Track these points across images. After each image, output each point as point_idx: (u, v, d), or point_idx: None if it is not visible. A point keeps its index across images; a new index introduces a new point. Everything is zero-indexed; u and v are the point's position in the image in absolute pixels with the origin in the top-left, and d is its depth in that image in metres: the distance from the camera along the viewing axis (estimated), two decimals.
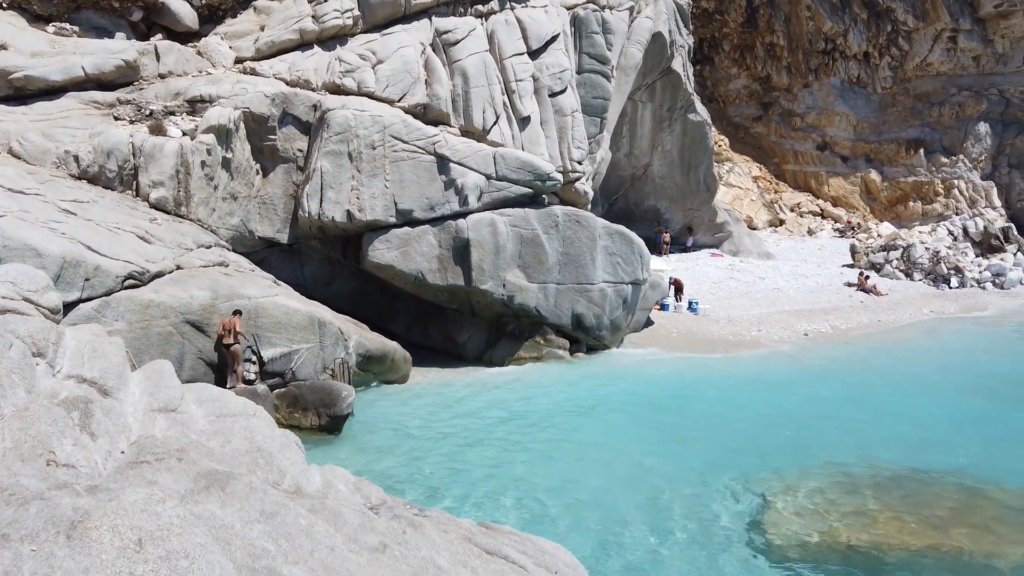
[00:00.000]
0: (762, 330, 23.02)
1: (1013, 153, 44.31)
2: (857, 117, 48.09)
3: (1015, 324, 26.14)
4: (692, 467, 12.50)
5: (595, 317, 19.68)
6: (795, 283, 30.09)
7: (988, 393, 17.50)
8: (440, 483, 11.50)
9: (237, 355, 13.90)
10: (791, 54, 50.22)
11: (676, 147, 32.97)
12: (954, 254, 33.09)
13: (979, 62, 44.49)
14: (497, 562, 3.37)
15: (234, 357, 13.91)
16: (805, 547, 9.80)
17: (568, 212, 19.79)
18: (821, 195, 49.23)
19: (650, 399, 16.31)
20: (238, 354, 13.91)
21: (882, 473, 12.24)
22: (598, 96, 23.71)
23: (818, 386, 17.73)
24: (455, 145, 18.95)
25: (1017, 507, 11.04)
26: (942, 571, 9.27)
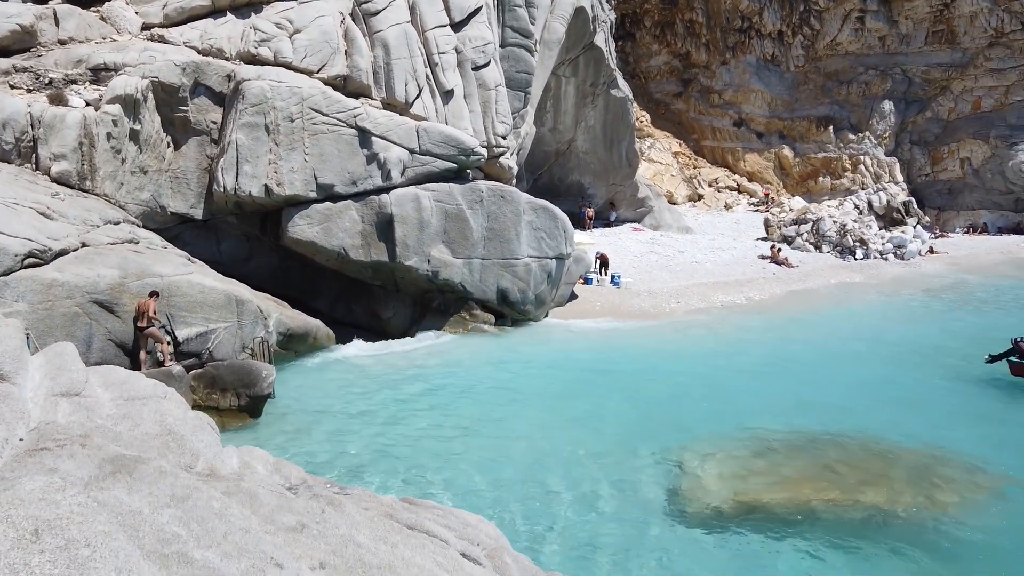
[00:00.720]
0: (681, 302, 23.69)
1: (915, 130, 46.70)
2: (771, 94, 49.65)
3: (913, 293, 27.74)
4: (613, 437, 12.82)
5: (520, 292, 19.82)
6: (712, 256, 31.03)
7: (889, 358, 18.56)
8: (365, 461, 11.44)
9: (153, 337, 13.39)
10: (710, 31, 51.27)
11: (599, 123, 33.32)
12: (859, 227, 34.76)
13: (885, 42, 46.50)
14: (418, 536, 3.39)
15: (148, 340, 13.39)
16: (722, 510, 10.22)
17: (493, 187, 19.78)
18: (737, 170, 50.76)
19: (573, 372, 16.60)
20: (154, 336, 13.39)
21: (792, 436, 12.85)
22: (522, 70, 23.67)
23: (733, 355, 18.40)
24: (377, 118, 18.60)
25: (912, 462, 11.81)
26: (847, 523, 9.84)
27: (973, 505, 10.50)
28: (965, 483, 11.15)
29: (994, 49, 43.76)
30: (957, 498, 10.68)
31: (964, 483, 11.15)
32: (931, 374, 17.19)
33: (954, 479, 11.26)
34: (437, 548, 3.32)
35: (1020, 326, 20.93)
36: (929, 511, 10.25)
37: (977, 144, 44.35)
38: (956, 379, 16.83)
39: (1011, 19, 42.97)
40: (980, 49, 44.21)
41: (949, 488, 10.98)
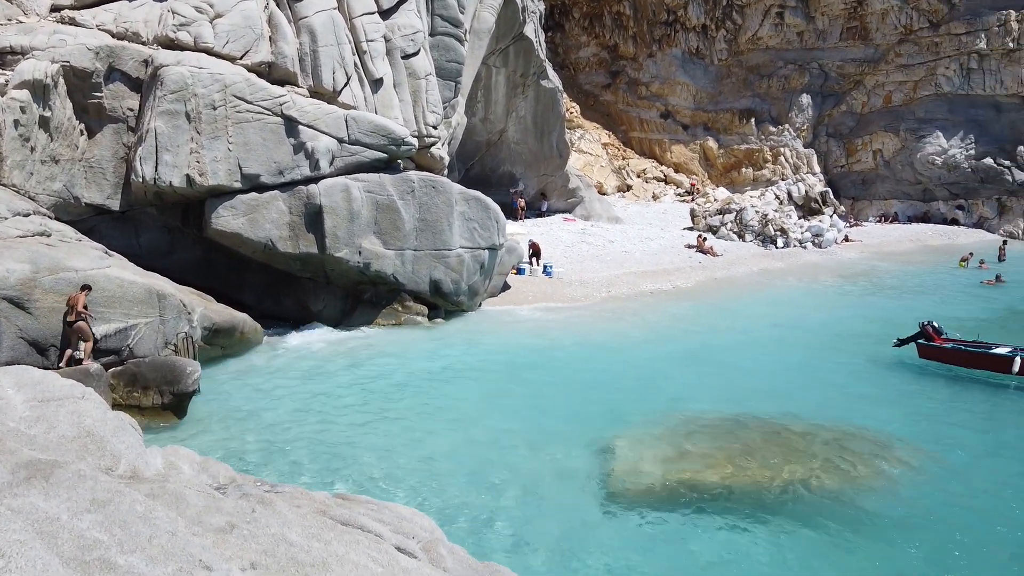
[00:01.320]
0: (611, 291, 24.09)
1: (831, 123, 48.62)
2: (696, 87, 50.82)
3: (830, 279, 28.99)
4: (546, 425, 12.98)
5: (453, 283, 19.77)
6: (641, 246, 31.64)
7: (808, 342, 19.37)
8: (297, 457, 11.25)
9: (81, 332, 12.78)
10: (637, 24, 52.06)
11: (530, 113, 33.45)
12: (780, 217, 36.04)
13: (803, 38, 48.17)
14: (352, 532, 3.37)
15: (78, 335, 12.79)
16: (654, 491, 10.50)
17: (424, 178, 19.64)
18: (664, 161, 51.83)
19: (506, 362, 16.69)
20: (83, 331, 12.78)
21: (720, 419, 13.28)
22: (452, 60, 23.51)
23: (662, 342, 18.85)
24: (304, 107, 18.18)
25: (831, 440, 12.38)
26: (772, 499, 10.26)
27: (886, 478, 11.10)
28: (879, 458, 11.76)
29: (904, 45, 45.92)
30: (872, 472, 11.27)
31: (878, 458, 11.76)
32: (847, 357, 18.01)
33: (869, 454, 11.86)
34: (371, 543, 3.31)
35: (927, 310, 22.16)
36: (847, 485, 10.78)
37: (888, 137, 46.53)
38: (870, 361, 17.69)
39: (919, 17, 45.16)
40: (891, 45, 46.31)
41: (865, 463, 11.57)
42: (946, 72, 44.72)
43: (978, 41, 43.47)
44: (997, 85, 43.81)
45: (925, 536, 9.55)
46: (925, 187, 46.49)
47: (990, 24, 43.17)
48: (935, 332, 17.55)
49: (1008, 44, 42.84)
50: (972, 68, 44.22)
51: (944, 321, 19.26)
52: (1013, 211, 44.06)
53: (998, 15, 43.00)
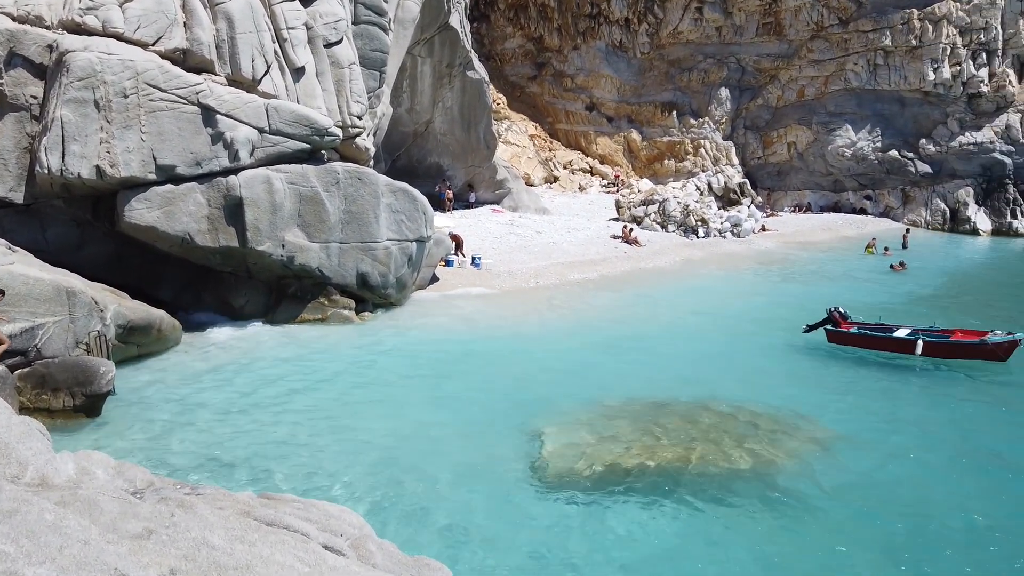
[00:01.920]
0: (540, 281, 24.31)
1: (748, 116, 50.22)
2: (620, 79, 51.62)
3: (749, 268, 30.02)
4: (476, 414, 13.05)
5: (381, 276, 19.56)
6: (568, 236, 32.02)
7: (728, 329, 20.03)
8: (220, 457, 10.95)
9: None
10: (561, 16, 52.43)
11: (457, 104, 33.31)
12: (701, 207, 37.06)
13: (721, 32, 49.49)
14: (278, 533, 3.31)
15: None
16: (579, 476, 10.71)
17: (349, 169, 19.31)
18: (590, 153, 52.50)
19: (435, 354, 16.66)
20: None
21: (644, 405, 13.63)
22: (376, 49, 23.14)
23: (588, 331, 19.16)
24: (222, 95, 17.58)
25: (749, 423, 12.87)
26: (694, 481, 10.61)
27: (798, 456, 11.62)
28: (792, 437, 12.31)
29: (815, 42, 47.76)
30: (785, 451, 11.78)
31: (791, 437, 12.31)
32: (764, 343, 18.73)
33: (785, 436, 12.39)
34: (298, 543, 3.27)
35: (838, 296, 23.24)
36: (765, 465, 11.24)
37: (802, 130, 48.38)
38: (785, 346, 18.45)
39: (829, 14, 47.03)
40: (803, 41, 48.10)
41: (781, 444, 12.08)
42: (854, 68, 46.77)
43: (884, 38, 45.60)
44: (901, 81, 46.10)
45: (835, 510, 10.06)
46: (836, 178, 48.60)
47: (894, 22, 45.35)
48: (841, 317, 18.44)
49: (911, 42, 45.11)
50: (878, 64, 46.39)
51: (853, 305, 20.25)
52: (916, 201, 46.55)
53: (902, 13, 45.20)
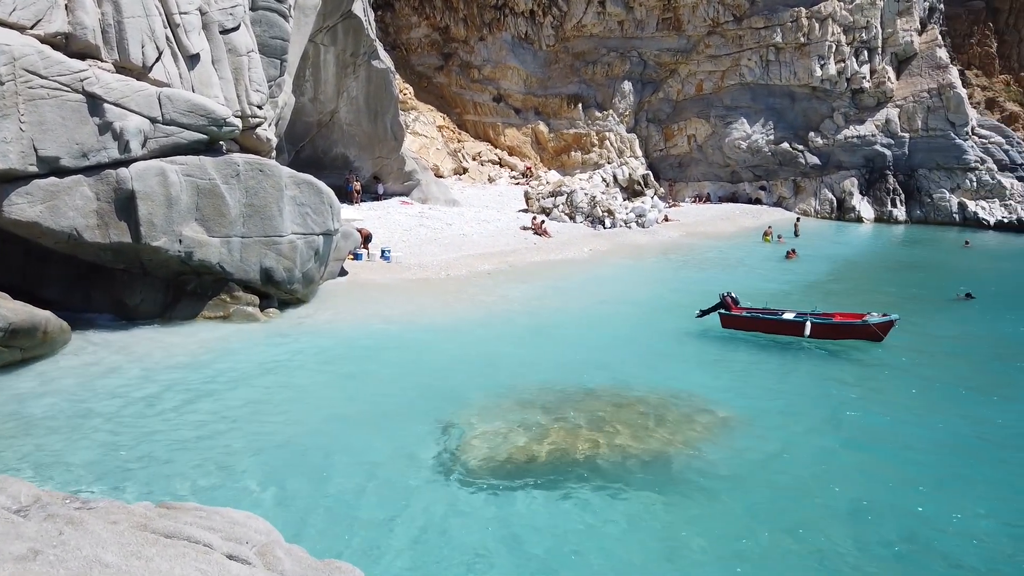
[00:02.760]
0: (450, 273, 24.27)
1: (650, 109, 51.61)
2: (526, 71, 52.00)
3: (653, 257, 30.94)
4: (387, 409, 12.92)
5: (286, 271, 19.02)
6: (478, 228, 32.08)
7: (633, 316, 20.62)
8: (116, 468, 10.41)
9: None
10: (467, 7, 52.27)
11: (362, 94, 32.71)
12: (607, 198, 37.87)
13: (623, 26, 50.61)
14: (178, 545, 3.19)
15: None
16: (497, 466, 10.78)
17: (250, 160, 18.65)
18: (499, 145, 52.71)
19: (344, 349, 16.39)
20: None
21: (555, 393, 13.85)
22: (276, 36, 22.41)
23: (499, 322, 19.30)
24: (109, 83, 16.60)
25: (657, 407, 13.29)
26: (608, 467, 10.87)
27: (705, 441, 12.09)
28: (698, 423, 12.79)
29: (712, 37, 49.55)
30: (693, 437, 12.22)
31: (697, 423, 12.79)
32: (668, 328, 19.37)
33: (690, 420, 12.87)
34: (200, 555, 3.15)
35: (736, 282, 24.28)
36: (672, 450, 11.63)
37: (701, 123, 50.16)
38: (687, 332, 19.14)
39: (724, 11, 48.86)
40: (701, 37, 49.80)
41: (686, 428, 12.54)
42: (748, 63, 48.81)
43: (775, 35, 47.79)
44: (791, 76, 48.45)
45: (737, 492, 10.55)
46: (733, 169, 50.66)
47: (784, 20, 47.59)
48: (733, 302, 19.31)
49: (800, 39, 47.45)
50: (770, 60, 48.59)
51: (751, 291, 21.22)
52: (806, 191, 49.14)
53: (791, 11, 47.48)
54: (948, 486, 10.88)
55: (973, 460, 11.80)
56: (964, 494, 10.61)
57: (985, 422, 13.37)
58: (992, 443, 12.46)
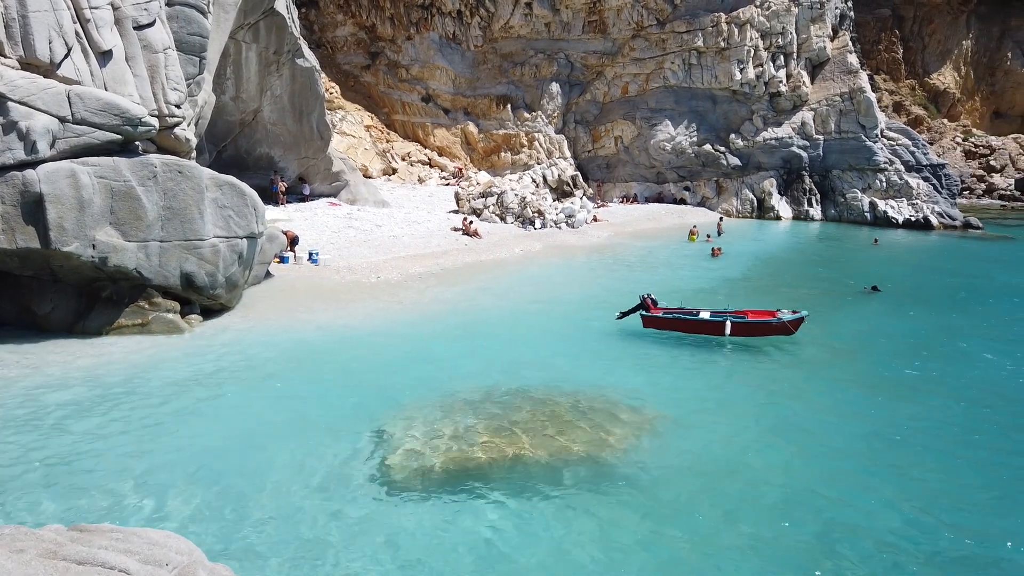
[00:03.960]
0: (381, 276, 23.97)
1: (578, 111, 52.22)
2: (455, 72, 51.86)
3: (583, 257, 31.33)
4: (317, 416, 12.68)
5: (208, 275, 18.41)
6: (409, 229, 31.80)
7: (563, 316, 20.83)
8: (24, 488, 9.86)
9: None
10: (394, 6, 51.76)
11: (286, 93, 31.96)
12: (537, 199, 38.14)
13: (550, 28, 51.05)
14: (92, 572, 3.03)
15: None
16: (426, 475, 10.70)
17: (168, 162, 17.97)
18: (428, 145, 52.40)
19: (271, 357, 15.98)
20: None
21: (486, 395, 13.86)
22: (194, 32, 21.64)
23: (431, 324, 19.18)
24: (14, 80, 15.71)
25: (588, 407, 13.47)
26: (541, 470, 10.94)
27: (635, 441, 12.32)
28: (627, 423, 13.02)
29: (636, 40, 50.50)
30: (622, 437, 12.43)
31: (626, 423, 13.01)
32: (597, 328, 19.66)
33: (619, 420, 13.09)
34: None
35: (658, 280, 24.83)
36: (608, 448, 11.81)
37: (627, 124, 51.06)
38: (616, 331, 19.46)
39: (648, 15, 49.87)
40: (626, 40, 50.69)
41: (620, 427, 12.74)
42: (671, 66, 49.97)
43: (696, 40, 49.07)
44: (712, 80, 49.85)
45: (667, 490, 10.79)
46: (658, 170, 51.78)
47: (705, 24, 48.92)
48: (652, 303, 19.74)
49: (720, 43, 48.87)
50: (692, 63, 49.87)
51: (677, 289, 21.72)
52: (728, 191, 50.65)
53: (712, 16, 48.84)
54: (861, 474, 11.41)
55: (883, 449, 12.41)
56: (876, 482, 11.15)
57: (891, 412, 14.08)
58: (899, 433, 13.13)
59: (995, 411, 14.32)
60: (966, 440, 12.88)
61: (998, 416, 14.06)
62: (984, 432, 13.26)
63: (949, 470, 11.66)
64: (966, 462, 12.00)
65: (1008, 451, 12.48)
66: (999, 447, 12.63)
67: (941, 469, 11.68)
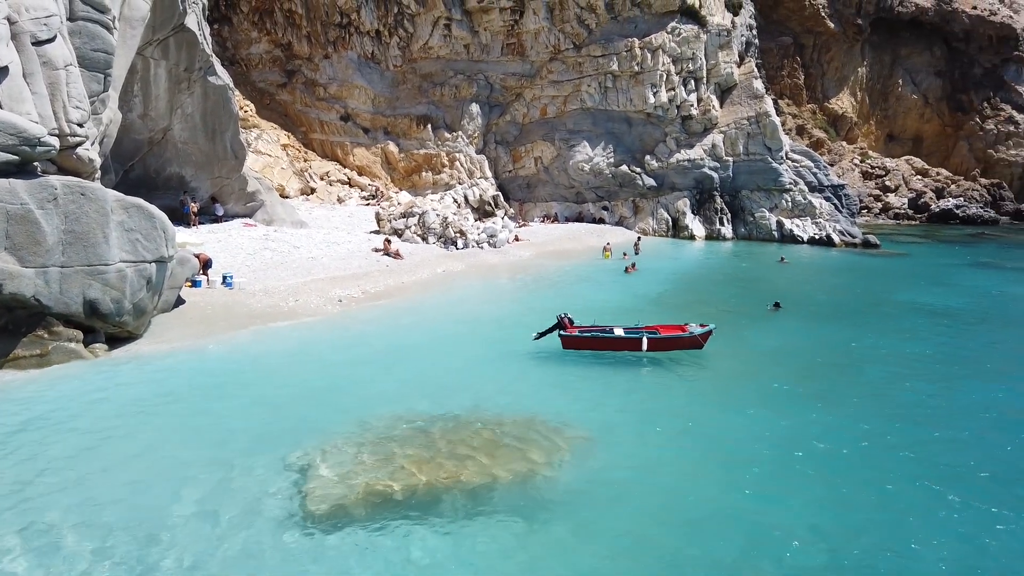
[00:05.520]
0: (299, 300, 23.44)
1: (498, 131, 52.72)
2: (374, 91, 51.56)
3: (505, 277, 31.52)
4: (232, 449, 12.25)
5: (114, 302, 17.58)
6: (328, 251, 31.27)
7: (486, 337, 20.87)
8: None
9: None
10: (310, 24, 51.14)
11: (198, 111, 31.03)
12: (459, 219, 38.21)
13: (469, 49, 51.47)
14: None
15: None
16: (348, 507, 10.46)
17: (70, 183, 17.12)
18: (348, 164, 51.77)
19: (181, 387, 15.36)
20: None
21: (410, 420, 13.71)
22: (99, 49, 20.79)
23: (352, 348, 18.88)
24: None
25: (510, 431, 13.50)
26: (464, 497, 10.87)
27: (561, 463, 12.40)
28: (555, 443, 13.10)
29: (554, 63, 51.48)
30: (548, 458, 12.49)
31: (555, 443, 13.10)
32: (520, 348, 19.74)
33: (544, 442, 13.15)
34: None
35: (578, 297, 25.24)
36: (529, 472, 11.84)
37: (546, 145, 51.86)
38: (538, 351, 19.61)
39: (565, 39, 50.96)
40: (544, 63, 51.61)
41: (541, 449, 12.80)
42: (588, 89, 51.16)
43: (611, 63, 50.44)
44: (627, 103, 51.30)
45: (595, 512, 10.92)
46: (578, 190, 52.75)
47: (620, 49, 50.36)
48: (569, 322, 20.06)
49: (634, 68, 50.38)
50: (608, 87, 51.20)
51: (593, 308, 22.08)
52: (644, 211, 52.05)
53: (626, 42, 50.33)
54: (773, 486, 11.86)
55: (792, 461, 12.95)
56: (789, 492, 11.62)
57: (797, 424, 14.72)
58: (804, 445, 13.73)
59: (892, 421, 15.17)
60: (867, 450, 13.59)
61: (894, 425, 14.89)
62: (881, 441, 14.01)
63: (855, 479, 12.26)
64: (872, 471, 12.64)
65: (904, 457, 13.23)
66: (897, 455, 13.37)
67: (846, 478, 12.27)
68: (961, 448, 13.81)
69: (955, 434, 14.50)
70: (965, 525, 10.78)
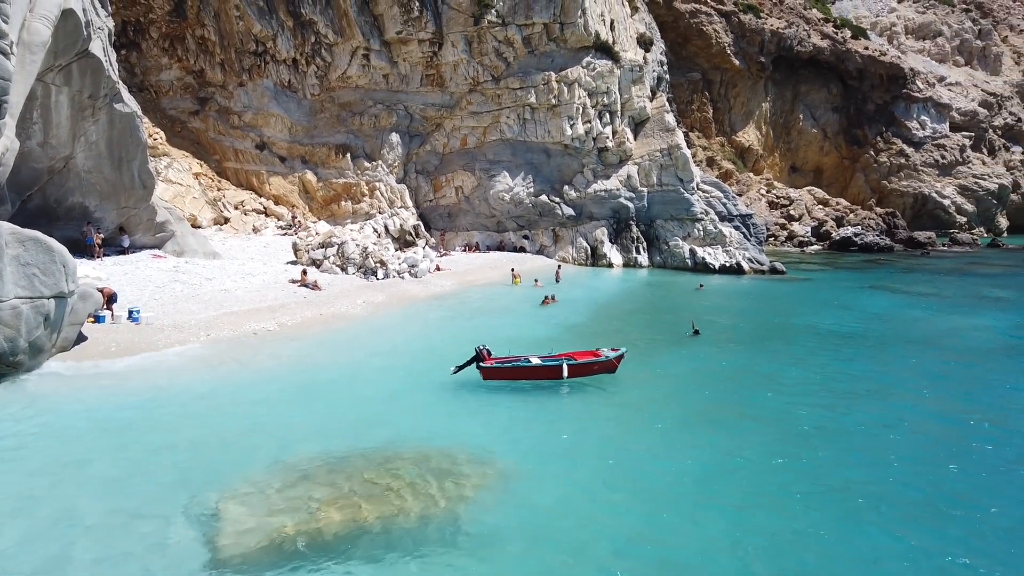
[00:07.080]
0: (211, 334, 22.70)
1: (418, 161, 52.76)
2: (291, 120, 50.84)
3: (426, 306, 31.39)
4: (137, 497, 11.70)
5: (8, 341, 16.63)
6: (243, 282, 30.44)
7: (407, 368, 20.70)
8: None
9: None
10: (224, 51, 50.14)
11: (104, 139, 29.83)
12: (379, 249, 37.89)
13: (388, 80, 51.50)
14: None
15: None
16: (263, 555, 10.14)
17: None
18: (263, 193, 50.67)
19: (82, 430, 14.58)
20: None
21: (328, 459, 13.43)
22: None
23: (267, 384, 18.38)
24: None
25: (433, 466, 13.40)
26: (382, 538, 10.70)
27: (481, 494, 12.40)
28: (477, 477, 13.08)
29: (473, 95, 52.08)
30: (469, 491, 12.46)
31: (476, 477, 13.07)
32: (439, 381, 19.66)
33: (469, 475, 13.11)
34: None
35: (499, 328, 25.37)
36: (451, 507, 11.76)
37: (467, 175, 52.22)
38: (458, 383, 19.58)
39: (484, 71, 51.69)
40: (463, 94, 52.14)
41: (467, 483, 12.73)
42: (507, 121, 51.94)
43: (529, 96, 51.43)
44: (545, 134, 52.32)
45: (523, 544, 10.93)
46: (498, 219, 53.23)
47: (537, 82, 51.43)
48: (487, 353, 20.18)
49: (551, 100, 51.51)
50: (527, 118, 52.13)
51: (516, 338, 22.23)
52: (564, 239, 52.93)
53: (543, 75, 51.45)
54: (691, 510, 12.19)
55: (708, 484, 13.34)
56: (708, 517, 11.96)
57: (712, 448, 15.21)
58: (720, 468, 14.19)
59: (804, 440, 15.85)
60: (783, 470, 14.14)
61: (795, 448, 15.57)
62: (796, 460, 14.62)
63: (771, 502, 12.72)
64: (787, 492, 13.15)
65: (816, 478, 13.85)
66: (812, 475, 13.97)
67: (762, 501, 12.72)
68: (855, 466, 14.55)
69: (846, 455, 15.29)
70: (863, 538, 11.35)
